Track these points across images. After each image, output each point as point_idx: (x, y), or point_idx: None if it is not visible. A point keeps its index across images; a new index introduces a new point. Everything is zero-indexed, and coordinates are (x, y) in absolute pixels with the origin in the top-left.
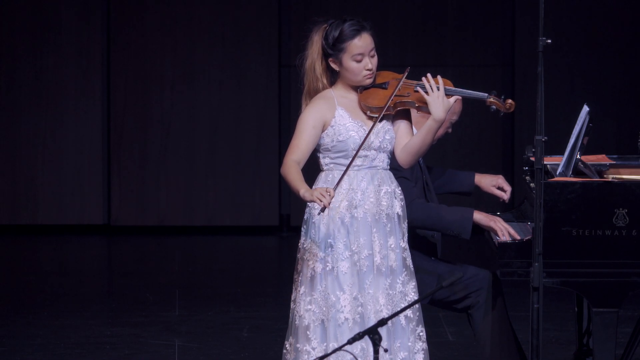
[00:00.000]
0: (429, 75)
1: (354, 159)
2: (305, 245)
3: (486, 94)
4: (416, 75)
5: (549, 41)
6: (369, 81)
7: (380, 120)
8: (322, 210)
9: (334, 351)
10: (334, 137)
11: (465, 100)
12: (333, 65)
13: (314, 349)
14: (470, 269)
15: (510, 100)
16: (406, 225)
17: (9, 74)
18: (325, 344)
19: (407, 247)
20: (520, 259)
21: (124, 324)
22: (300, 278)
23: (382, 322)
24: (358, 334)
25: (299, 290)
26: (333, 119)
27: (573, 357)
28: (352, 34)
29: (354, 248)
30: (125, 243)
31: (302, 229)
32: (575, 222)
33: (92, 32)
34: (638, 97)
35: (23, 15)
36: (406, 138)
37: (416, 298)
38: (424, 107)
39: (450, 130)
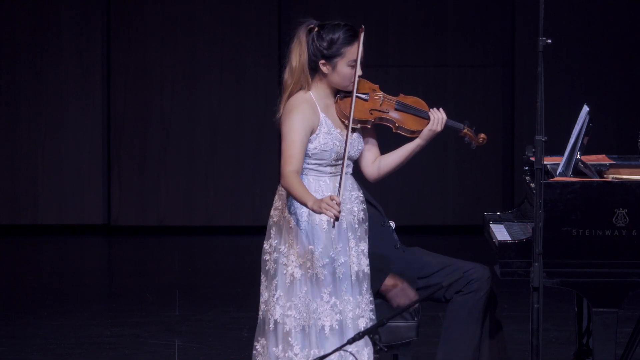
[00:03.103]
0: (439, 110)
1: (343, 168)
2: (281, 249)
3: (462, 125)
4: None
5: (549, 41)
6: (351, 88)
7: (354, 131)
8: (336, 220)
9: (334, 351)
10: (318, 144)
11: (453, 107)
12: (323, 68)
13: (296, 355)
14: (468, 264)
15: (482, 135)
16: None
17: (9, 73)
18: (307, 349)
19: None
20: (520, 259)
21: (123, 324)
22: (275, 282)
23: (382, 323)
24: (358, 334)
25: (275, 294)
26: (319, 126)
27: (573, 357)
28: (351, 39)
29: (332, 254)
30: (125, 243)
31: (272, 230)
32: (575, 222)
33: (92, 32)
34: (638, 97)
35: (23, 14)
36: (373, 152)
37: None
38: (402, 128)
39: None
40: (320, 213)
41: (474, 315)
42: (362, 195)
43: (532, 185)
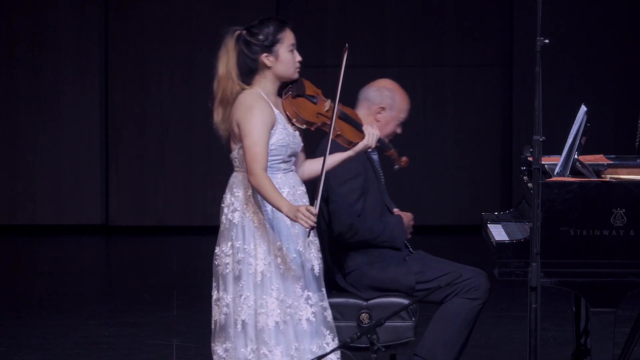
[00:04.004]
0: (372, 126)
1: (285, 165)
2: (247, 249)
3: (391, 145)
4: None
5: (547, 41)
6: (297, 76)
7: (296, 129)
8: (311, 229)
9: (333, 350)
10: (276, 140)
11: (452, 107)
12: (266, 61)
13: (270, 351)
14: (469, 272)
15: (405, 158)
16: None
17: (7, 73)
18: (283, 345)
19: None
20: (518, 259)
21: (122, 323)
22: (242, 283)
23: (380, 323)
24: (355, 333)
25: (242, 295)
26: (276, 122)
27: (571, 357)
28: (283, 25)
29: (298, 249)
30: (123, 243)
31: (232, 233)
32: (573, 222)
33: (90, 32)
34: (636, 97)
35: (21, 15)
36: (302, 155)
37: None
38: (342, 136)
39: (399, 130)
40: (294, 221)
41: (468, 319)
42: (304, 189)
43: (530, 185)
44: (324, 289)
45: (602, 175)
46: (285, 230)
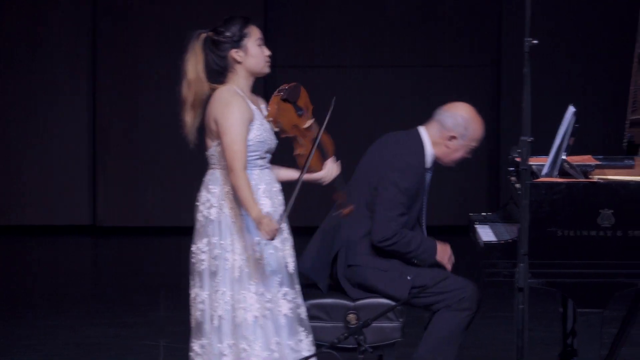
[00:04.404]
0: (337, 163)
1: (261, 162)
2: (223, 245)
3: (345, 187)
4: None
5: (536, 42)
6: (268, 70)
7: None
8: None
9: (320, 352)
10: (253, 136)
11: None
12: (237, 57)
13: (249, 345)
14: (461, 281)
15: (349, 208)
16: None
17: None
18: (262, 340)
19: None
20: (506, 260)
21: (110, 324)
22: (218, 279)
23: (367, 324)
24: (343, 334)
25: (218, 291)
26: (253, 118)
27: (558, 358)
28: (248, 21)
29: (276, 244)
30: (111, 244)
31: (208, 229)
32: (561, 223)
33: (79, 33)
34: (624, 98)
35: (11, 17)
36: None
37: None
38: (304, 157)
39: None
40: (257, 228)
41: (459, 331)
42: (280, 186)
43: (517, 185)
44: (297, 286)
45: (590, 176)
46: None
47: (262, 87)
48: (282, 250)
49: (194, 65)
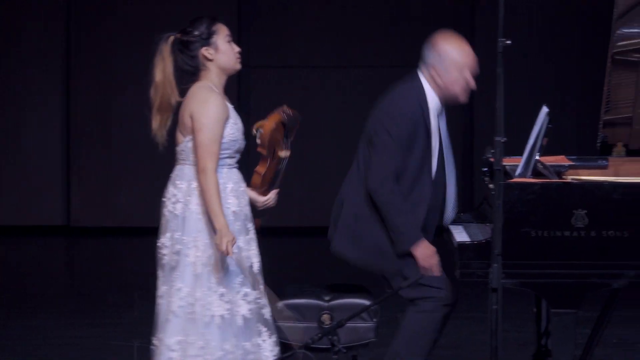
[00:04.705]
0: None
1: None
2: (185, 241)
3: (261, 218)
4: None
5: (509, 42)
6: (239, 66)
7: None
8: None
9: (294, 352)
10: (227, 134)
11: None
12: (207, 54)
13: (206, 344)
14: (439, 282)
15: (257, 220)
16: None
17: None
18: (219, 341)
19: None
20: (479, 260)
21: (84, 325)
22: (176, 274)
23: (341, 324)
24: (317, 334)
25: (174, 286)
26: (228, 116)
27: (532, 358)
28: (215, 19)
29: (239, 244)
30: (85, 244)
31: (171, 224)
32: (534, 223)
33: (52, 33)
34: (597, 98)
35: None
36: None
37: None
38: (259, 177)
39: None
40: (217, 242)
41: (432, 327)
42: (245, 186)
43: (491, 186)
44: (262, 286)
45: (564, 177)
46: (234, 226)
47: (235, 87)
48: (246, 251)
49: (162, 68)
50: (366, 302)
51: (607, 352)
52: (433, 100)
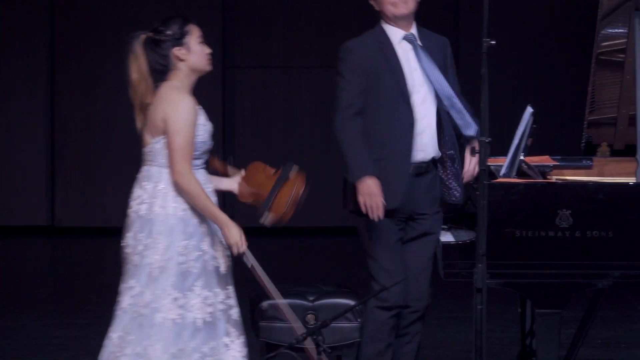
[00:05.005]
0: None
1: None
2: (147, 243)
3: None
4: None
5: (493, 42)
6: (210, 68)
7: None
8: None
9: (278, 352)
10: (197, 137)
11: None
12: (179, 54)
13: (150, 345)
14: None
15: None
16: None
17: None
18: (173, 345)
19: None
20: (464, 260)
21: (68, 325)
22: (133, 272)
23: (325, 324)
24: (301, 334)
25: (129, 285)
26: (198, 117)
27: (517, 358)
28: (188, 19)
29: (203, 247)
30: (69, 244)
31: (136, 224)
32: (519, 223)
33: (37, 34)
34: (582, 98)
35: None
36: None
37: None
38: (254, 194)
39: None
40: (226, 239)
41: (382, 330)
42: (212, 187)
43: (475, 186)
44: (230, 287)
45: (548, 177)
46: (192, 227)
47: (220, 88)
48: (210, 254)
49: (136, 67)
50: (351, 302)
51: (592, 352)
52: (393, 32)
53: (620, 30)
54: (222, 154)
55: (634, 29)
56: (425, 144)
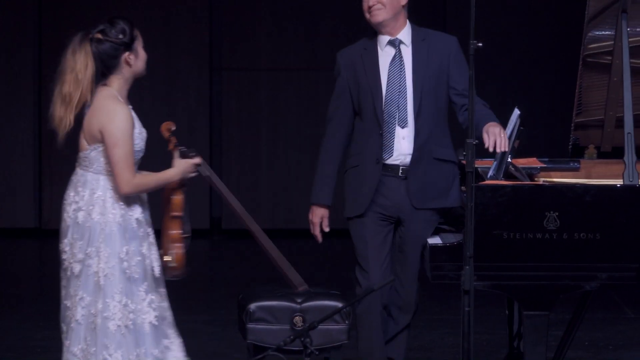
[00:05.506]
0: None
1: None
2: (88, 251)
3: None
4: None
5: (480, 44)
6: (144, 72)
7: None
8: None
9: (266, 354)
10: (134, 145)
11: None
12: (130, 59)
13: (110, 355)
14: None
15: None
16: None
17: None
18: (124, 348)
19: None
20: (451, 262)
21: (55, 327)
22: (79, 282)
23: (313, 326)
24: (289, 336)
25: (78, 295)
26: (134, 125)
27: None
28: (132, 23)
29: (143, 251)
30: (56, 246)
31: (74, 232)
32: (507, 226)
33: (23, 35)
34: (569, 100)
35: None
36: None
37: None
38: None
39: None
40: (187, 175)
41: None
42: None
43: (463, 188)
44: (163, 290)
45: (536, 179)
46: (130, 232)
47: (207, 89)
48: (148, 257)
49: (84, 64)
50: (339, 304)
51: (579, 354)
52: (381, 37)
53: (607, 33)
54: (209, 155)
55: (621, 31)
56: (404, 147)
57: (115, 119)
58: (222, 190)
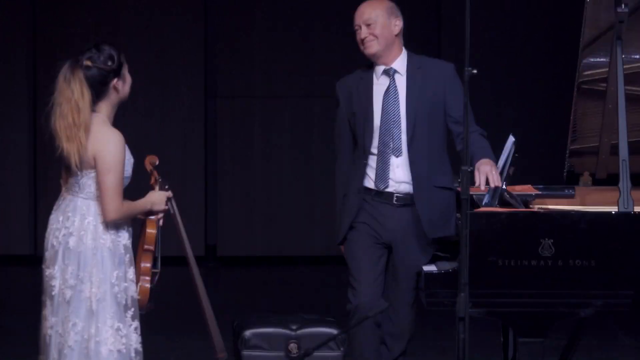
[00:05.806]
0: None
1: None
2: (80, 276)
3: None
4: None
5: (475, 71)
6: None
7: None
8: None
9: None
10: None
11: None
12: (118, 85)
13: None
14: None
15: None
16: None
17: None
18: None
19: None
20: (446, 289)
21: None
22: (71, 308)
23: (309, 353)
24: None
25: (70, 321)
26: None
27: None
28: (119, 48)
29: (130, 277)
30: None
31: (64, 256)
32: (502, 253)
33: (18, 51)
34: (564, 127)
35: None
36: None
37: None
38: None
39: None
40: (159, 208)
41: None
42: None
43: (458, 215)
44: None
45: (531, 206)
46: (118, 257)
47: (202, 117)
48: (132, 284)
49: (80, 91)
50: (333, 331)
51: None
52: (378, 67)
53: (601, 60)
54: (204, 182)
55: (616, 58)
56: (398, 175)
57: (109, 145)
58: (180, 231)
